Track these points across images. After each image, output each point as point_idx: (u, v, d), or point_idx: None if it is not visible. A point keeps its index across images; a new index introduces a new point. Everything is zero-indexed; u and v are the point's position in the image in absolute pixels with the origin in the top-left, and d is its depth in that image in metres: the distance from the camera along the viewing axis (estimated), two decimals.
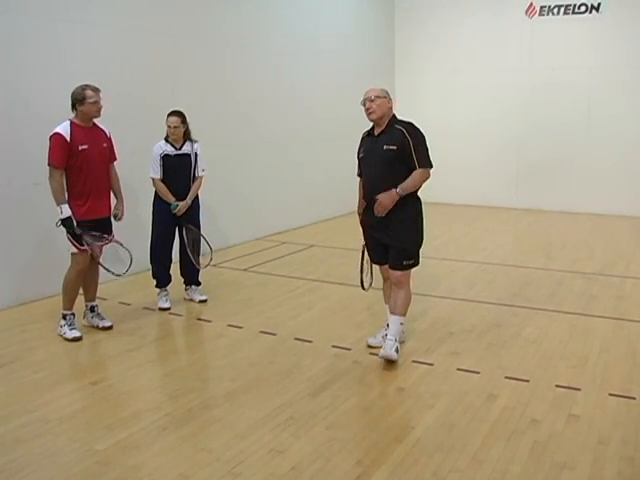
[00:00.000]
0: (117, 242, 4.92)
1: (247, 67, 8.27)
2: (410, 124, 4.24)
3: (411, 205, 4.29)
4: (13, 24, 5.53)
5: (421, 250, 4.40)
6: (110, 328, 5.05)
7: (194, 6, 7.39)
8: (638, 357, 4.43)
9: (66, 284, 4.89)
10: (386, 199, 4.13)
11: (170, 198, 5.45)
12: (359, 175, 4.56)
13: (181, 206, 5.45)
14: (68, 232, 4.69)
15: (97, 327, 5.06)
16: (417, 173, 4.16)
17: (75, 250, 4.75)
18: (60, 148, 4.60)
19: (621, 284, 6.33)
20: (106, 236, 4.90)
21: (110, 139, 4.99)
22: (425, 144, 4.21)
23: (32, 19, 5.66)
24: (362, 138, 4.47)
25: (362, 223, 4.52)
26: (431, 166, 4.21)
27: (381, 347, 4.37)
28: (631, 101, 10.08)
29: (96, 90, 4.74)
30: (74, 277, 4.85)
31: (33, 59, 5.67)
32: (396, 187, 4.14)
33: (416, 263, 4.37)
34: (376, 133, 4.29)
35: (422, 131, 4.25)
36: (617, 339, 4.81)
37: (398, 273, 4.32)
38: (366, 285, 4.61)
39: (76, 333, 4.86)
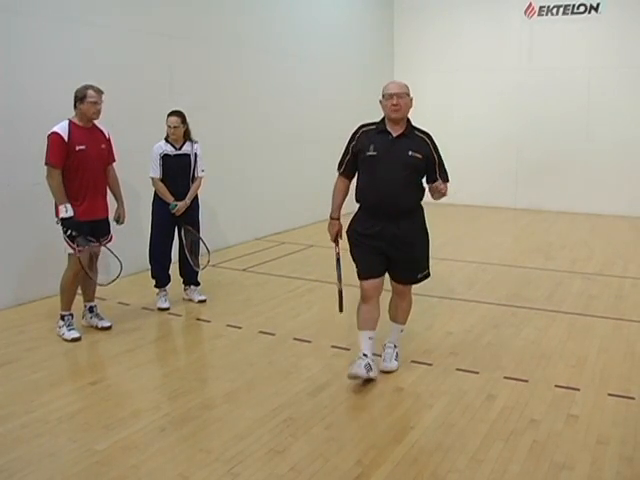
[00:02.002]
0: (108, 249, 4.91)
1: (246, 68, 8.27)
2: (430, 135, 4.00)
3: (420, 214, 4.04)
4: (12, 24, 5.53)
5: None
6: (109, 328, 5.05)
7: (193, 6, 7.39)
8: (637, 357, 4.44)
9: (63, 285, 4.89)
10: (442, 186, 3.80)
11: (169, 198, 5.45)
12: (344, 173, 4.07)
13: (180, 206, 5.45)
14: (65, 232, 4.67)
15: (96, 327, 5.06)
16: (446, 185, 3.90)
17: (72, 251, 4.75)
18: (57, 147, 4.59)
19: (620, 284, 6.33)
20: (101, 239, 4.93)
21: (109, 140, 4.99)
22: (443, 157, 4.00)
23: (31, 19, 5.66)
24: (365, 132, 3.97)
25: (358, 233, 3.99)
26: (449, 180, 3.98)
27: (364, 378, 3.94)
28: (630, 101, 10.09)
29: (99, 91, 4.73)
30: (71, 278, 4.85)
31: (31, 59, 5.67)
32: (415, 192, 3.93)
33: (429, 273, 4.15)
34: (394, 134, 3.88)
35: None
36: (616, 339, 4.81)
37: (408, 287, 4.14)
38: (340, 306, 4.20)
39: (75, 334, 4.86)
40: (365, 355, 3.95)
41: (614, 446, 3.26)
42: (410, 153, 3.84)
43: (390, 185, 3.83)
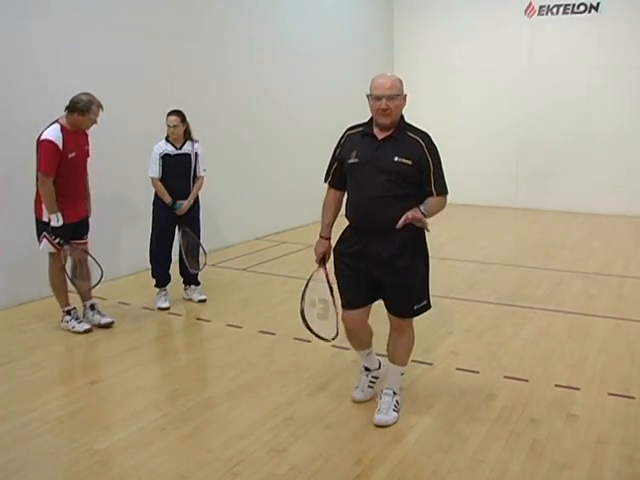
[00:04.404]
0: (90, 255, 4.93)
1: (246, 67, 8.26)
2: (427, 135, 3.37)
3: (414, 231, 3.35)
4: (10, 24, 5.52)
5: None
6: (111, 325, 5.06)
7: (193, 6, 7.38)
8: (637, 357, 4.44)
9: (53, 283, 4.93)
10: (416, 215, 3.22)
11: (167, 198, 5.44)
12: (332, 184, 3.59)
13: (185, 206, 5.46)
14: (53, 239, 4.67)
15: (98, 324, 5.05)
16: (438, 200, 3.33)
17: (53, 250, 4.77)
18: (52, 156, 4.55)
19: (620, 284, 6.33)
20: (85, 236, 4.99)
21: (88, 137, 4.95)
22: (442, 164, 3.36)
23: (29, 19, 5.65)
24: (348, 135, 3.48)
25: (340, 253, 3.50)
26: (448, 192, 3.37)
27: (369, 400, 3.76)
28: (630, 101, 10.08)
29: (100, 107, 4.71)
30: (57, 273, 4.86)
31: (30, 59, 5.66)
32: (397, 209, 3.25)
33: (429, 305, 3.51)
34: (380, 137, 3.34)
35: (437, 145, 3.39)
36: (616, 339, 4.81)
37: (405, 320, 3.49)
38: (331, 334, 3.53)
39: (86, 325, 4.92)
40: (367, 369, 3.80)
41: (614, 445, 3.25)
42: (396, 159, 3.26)
43: (373, 197, 3.30)
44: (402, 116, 3.38)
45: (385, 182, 3.28)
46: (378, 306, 3.57)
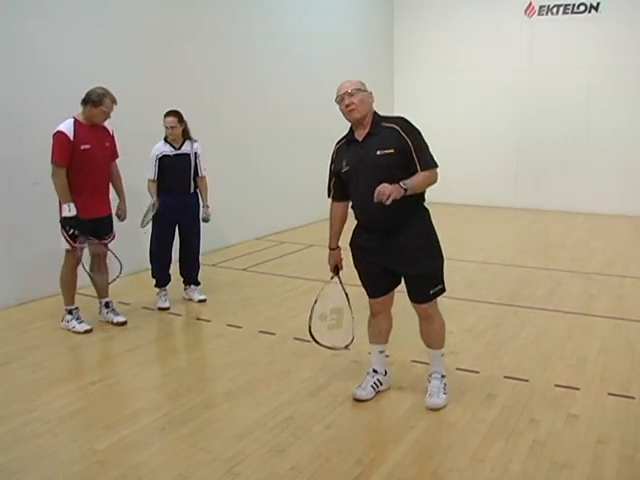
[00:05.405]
0: (110, 250, 4.95)
1: (246, 67, 8.27)
2: (402, 119, 3.51)
3: (422, 218, 3.58)
4: (9, 24, 5.53)
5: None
6: (124, 324, 5.12)
7: (193, 6, 7.39)
8: (637, 356, 4.44)
9: (63, 280, 4.94)
10: (389, 188, 3.21)
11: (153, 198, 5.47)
12: (334, 197, 3.69)
13: (209, 214, 5.60)
14: (67, 231, 4.69)
15: (112, 323, 5.11)
16: (425, 174, 3.41)
17: (68, 247, 4.78)
18: (63, 147, 4.61)
19: (620, 284, 6.33)
20: (106, 237, 5.00)
21: (113, 137, 5.02)
22: (424, 140, 3.46)
23: (30, 18, 5.66)
24: (337, 149, 3.65)
25: (357, 247, 3.64)
26: (436, 165, 3.47)
27: (370, 399, 3.77)
28: (630, 101, 10.08)
29: (114, 101, 4.77)
30: (69, 273, 4.89)
31: (31, 58, 5.67)
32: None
33: (444, 287, 3.66)
34: (360, 138, 3.49)
35: (416, 125, 3.51)
36: (616, 339, 4.81)
37: (425, 305, 3.61)
38: (346, 341, 3.76)
39: (86, 326, 4.94)
40: (375, 371, 3.84)
41: (614, 445, 3.25)
42: (379, 153, 3.38)
43: (366, 196, 3.34)
44: (375, 112, 3.54)
45: (377, 178, 3.33)
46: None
